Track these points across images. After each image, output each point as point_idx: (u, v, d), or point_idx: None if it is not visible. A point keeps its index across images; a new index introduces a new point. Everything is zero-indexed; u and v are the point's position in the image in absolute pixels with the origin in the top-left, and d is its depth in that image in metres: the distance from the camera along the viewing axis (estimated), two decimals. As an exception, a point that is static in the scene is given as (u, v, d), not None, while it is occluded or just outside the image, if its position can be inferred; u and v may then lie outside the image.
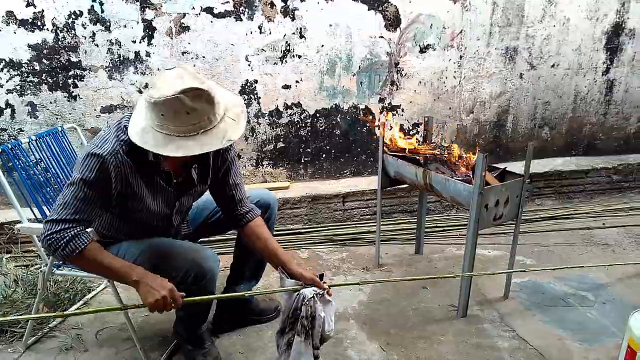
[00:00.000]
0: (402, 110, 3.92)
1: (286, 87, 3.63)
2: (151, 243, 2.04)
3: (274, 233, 2.86)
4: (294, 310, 1.96)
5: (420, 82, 3.89)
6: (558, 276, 2.95)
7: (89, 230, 1.84)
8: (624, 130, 4.57)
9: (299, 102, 3.69)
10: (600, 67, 4.28)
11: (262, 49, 3.49)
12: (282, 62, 3.56)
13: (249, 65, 3.50)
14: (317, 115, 3.76)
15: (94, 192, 1.77)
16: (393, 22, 3.69)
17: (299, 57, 3.58)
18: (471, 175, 2.53)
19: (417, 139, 3.16)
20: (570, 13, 4.02)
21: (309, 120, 3.76)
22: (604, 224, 3.75)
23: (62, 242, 1.73)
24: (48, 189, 2.40)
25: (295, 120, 3.74)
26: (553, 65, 4.16)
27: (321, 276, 2.05)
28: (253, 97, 3.59)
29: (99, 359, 2.27)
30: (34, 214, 2.32)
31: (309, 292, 1.97)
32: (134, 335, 2.20)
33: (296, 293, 1.96)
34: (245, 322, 2.51)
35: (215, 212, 2.30)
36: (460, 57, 3.92)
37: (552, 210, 4.00)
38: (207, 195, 2.33)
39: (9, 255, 3.14)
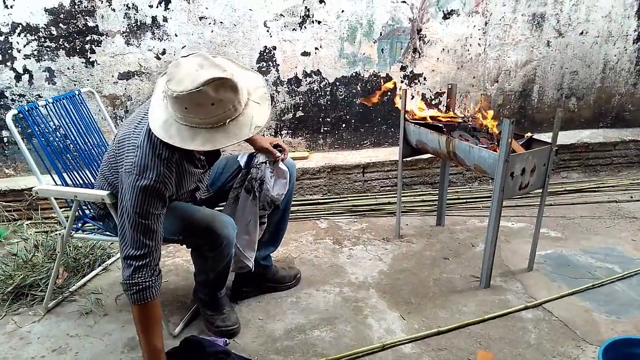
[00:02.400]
0: (425, 78, 3.81)
1: (305, 54, 3.54)
2: (169, 208, 2.01)
3: (293, 202, 2.85)
4: (246, 172, 2.23)
5: (443, 49, 3.77)
6: (584, 248, 2.87)
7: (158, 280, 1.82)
8: (655, 101, 4.40)
9: (318, 70, 3.61)
10: (631, 35, 4.10)
11: (281, 14, 3.40)
12: (301, 28, 3.47)
13: (268, 31, 3.42)
14: (337, 83, 3.68)
15: (155, 218, 1.77)
16: (416, -14, 3.57)
17: (319, 22, 3.48)
18: (496, 144, 2.44)
19: (439, 108, 3.07)
20: (601, -23, 3.85)
21: (328, 89, 3.68)
22: (632, 197, 3.63)
23: (135, 287, 1.74)
24: (68, 155, 2.38)
25: (315, 89, 3.66)
26: (582, 33, 4.00)
27: (277, 146, 2.27)
28: (272, 65, 3.51)
29: (118, 323, 2.26)
30: (53, 179, 2.31)
31: (262, 157, 2.23)
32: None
33: (250, 156, 2.24)
34: (264, 288, 2.49)
35: (233, 176, 2.27)
36: (485, 23, 3.78)
37: (579, 183, 3.89)
38: (226, 158, 2.30)
39: (30, 221, 3.16)
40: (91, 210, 2.33)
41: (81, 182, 2.38)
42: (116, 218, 2.03)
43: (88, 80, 3.27)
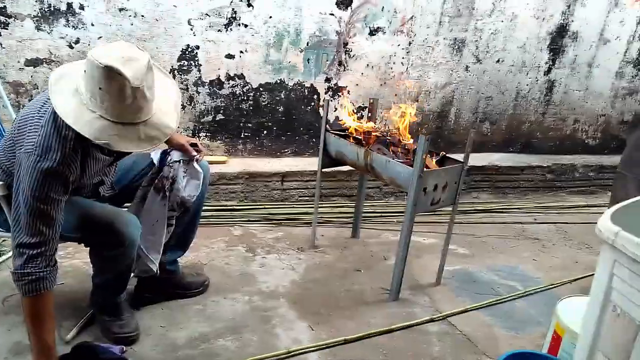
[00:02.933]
0: (348, 92, 3.85)
1: (230, 56, 3.47)
2: (70, 203, 1.88)
3: (205, 207, 2.76)
4: (158, 169, 2.11)
5: (368, 65, 3.83)
6: (489, 266, 2.98)
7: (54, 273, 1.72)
8: (560, 130, 4.70)
9: (242, 74, 3.54)
10: (542, 67, 4.37)
11: (207, 14, 3.31)
12: (227, 30, 3.40)
13: (192, 29, 3.32)
14: (261, 89, 3.63)
15: (56, 204, 1.66)
16: (344, 0, 3.61)
17: (245, 26, 3.43)
18: (412, 159, 2.49)
19: (360, 121, 3.10)
20: (518, 10, 4.07)
21: (251, 94, 3.62)
22: (535, 219, 3.84)
23: (27, 278, 1.64)
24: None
25: (237, 93, 3.59)
26: (498, 61, 4.20)
27: (194, 145, 2.18)
28: (193, 64, 3.41)
29: (3, 326, 2.08)
30: None
31: (176, 155, 2.14)
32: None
33: (164, 154, 2.13)
34: (169, 295, 2.37)
35: (142, 174, 2.15)
36: (409, 43, 3.89)
37: (488, 203, 4.06)
38: (134, 156, 2.18)
39: None
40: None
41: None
42: (7, 211, 1.87)
43: (-9, 63, 3.02)
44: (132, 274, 2.15)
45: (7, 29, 2.98)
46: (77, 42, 3.11)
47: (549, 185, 4.48)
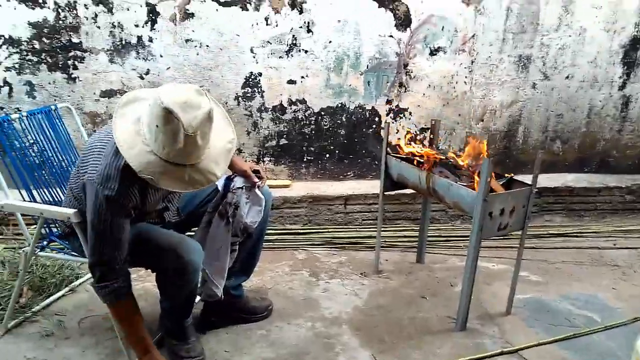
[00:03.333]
0: (410, 113, 3.80)
1: (291, 82, 3.52)
2: (137, 227, 1.96)
3: (269, 231, 2.78)
4: (222, 195, 2.15)
5: (429, 85, 3.77)
6: (564, 294, 2.81)
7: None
8: (639, 148, 4.42)
9: (303, 99, 3.59)
10: (616, 82, 4.14)
11: (268, 42, 3.39)
12: (288, 56, 3.46)
13: (254, 57, 3.40)
14: (322, 113, 3.65)
15: (119, 228, 1.78)
16: (403, 21, 3.58)
17: (306, 52, 3.48)
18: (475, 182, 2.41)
19: (422, 143, 3.04)
20: (587, 23, 3.89)
21: (313, 118, 3.65)
22: (614, 244, 3.60)
23: (105, 290, 1.84)
24: (42, 172, 2.32)
25: (300, 117, 3.63)
26: (567, 77, 4.02)
27: (256, 171, 2.22)
28: (257, 91, 3.49)
29: (78, 348, 2.17)
30: (22, 195, 2.25)
31: (239, 182, 2.17)
32: (117, 326, 2.09)
33: (228, 180, 2.17)
34: (234, 319, 2.39)
35: (207, 200, 2.20)
36: (472, 62, 3.80)
37: (561, 227, 3.86)
38: None
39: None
40: (58, 229, 2.25)
41: (51, 199, 2.31)
42: (81, 237, 1.96)
43: (69, 96, 3.22)
44: (197, 299, 2.19)
45: (83, 62, 3.18)
46: (147, 73, 3.26)
47: (629, 207, 4.19)
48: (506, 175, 2.58)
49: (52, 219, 2.18)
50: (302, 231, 3.47)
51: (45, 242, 2.24)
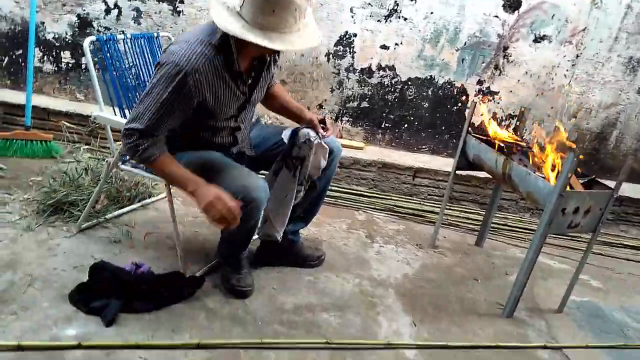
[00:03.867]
0: (500, 98, 3.69)
1: (384, 47, 3.51)
2: (210, 158, 2.09)
3: (334, 188, 2.83)
4: (290, 147, 2.17)
5: (526, 72, 3.64)
6: (624, 305, 2.70)
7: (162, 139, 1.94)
8: None
9: (393, 66, 3.57)
10: None
11: (369, 3, 3.38)
12: (386, 21, 3.44)
13: (352, 17, 3.41)
14: (409, 83, 3.62)
15: (174, 106, 1.85)
16: (512, 3, 3.45)
17: (405, 19, 3.44)
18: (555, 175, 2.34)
19: (508, 130, 2.97)
20: None
21: (399, 86, 3.63)
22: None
23: (138, 149, 1.86)
24: (137, 93, 2.45)
25: (385, 83, 3.62)
26: (679, 87, 3.75)
27: (322, 120, 2.25)
28: (348, 51, 3.50)
29: (141, 258, 2.31)
30: (114, 112, 2.40)
31: (303, 135, 2.16)
32: (178, 245, 2.25)
33: (294, 133, 2.17)
34: (287, 262, 2.49)
35: (279, 144, 2.27)
36: (577, 56, 3.62)
37: (636, 239, 3.66)
38: (273, 128, 2.32)
39: (87, 146, 3.30)
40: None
41: (140, 120, 2.45)
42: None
43: (172, 27, 3.37)
44: (256, 236, 2.30)
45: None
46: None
47: None
48: (589, 176, 2.48)
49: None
50: (366, 193, 3.51)
51: (127, 158, 2.40)
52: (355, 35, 3.47)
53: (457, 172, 2.87)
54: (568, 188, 2.20)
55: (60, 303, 1.93)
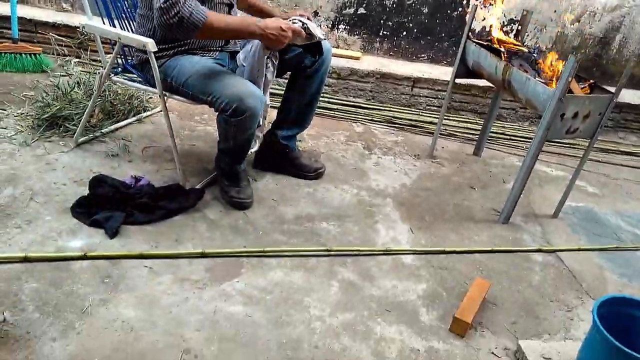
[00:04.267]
0: (502, 1, 3.54)
1: (382, -53, 3.33)
2: (205, 65, 2.07)
3: (332, 100, 2.78)
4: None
5: (530, -28, 3.48)
6: (618, 210, 2.75)
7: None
8: None
9: (391, -32, 3.40)
10: None
11: None
12: None
13: None
14: (408, -14, 3.47)
15: None
16: None
17: None
18: (555, 81, 2.29)
19: (508, 35, 2.87)
20: None
21: (397, -10, 3.48)
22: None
23: (186, 15, 1.78)
24: (125, 2, 2.35)
25: (383, -13, 3.47)
26: (688, -13, 3.60)
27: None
28: (344, -48, 3.32)
29: (140, 171, 2.33)
30: (103, 22, 2.31)
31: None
32: (177, 158, 2.24)
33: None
34: (283, 169, 2.52)
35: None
36: (584, -47, 3.44)
37: (634, 146, 3.67)
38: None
39: (78, 59, 3.21)
40: (133, 59, 2.33)
41: (130, 30, 2.36)
42: (154, 69, 2.03)
43: None
44: (255, 148, 2.30)
45: None
46: None
47: None
48: (590, 80, 2.43)
49: (129, 48, 2.27)
50: (364, 105, 3.47)
51: (119, 69, 2.34)
52: None
53: (457, 80, 2.82)
54: (568, 93, 2.17)
55: (63, 216, 1.95)
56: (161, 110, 2.77)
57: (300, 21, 2.06)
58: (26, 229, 1.86)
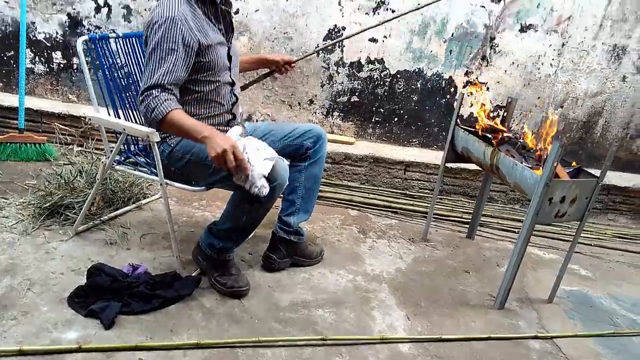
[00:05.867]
0: (488, 88, 3.73)
1: (373, 40, 3.53)
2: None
3: (328, 183, 2.85)
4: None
5: (513, 62, 3.67)
6: (612, 293, 2.77)
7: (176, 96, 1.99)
8: None
9: (382, 59, 3.59)
10: None
11: (357, -4, 3.40)
12: (374, 14, 3.46)
13: (341, 10, 3.42)
14: (398, 76, 3.65)
15: (178, 53, 1.93)
16: (499, -7, 3.48)
17: (392, 11, 3.45)
18: (541, 166, 2.38)
19: (495, 120, 3.00)
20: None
21: (388, 80, 3.66)
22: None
23: (152, 105, 1.90)
24: (128, 93, 2.45)
25: (375, 77, 3.64)
26: (664, 75, 3.80)
27: (289, 62, 2.53)
28: (337, 45, 3.52)
29: (137, 259, 2.35)
30: (108, 112, 2.40)
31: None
32: (174, 245, 2.27)
33: None
34: (292, 262, 2.50)
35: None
36: (562, 45, 3.65)
37: (624, 228, 3.73)
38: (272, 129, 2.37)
39: (80, 148, 3.31)
40: (136, 147, 2.42)
41: (134, 121, 2.46)
42: (157, 159, 2.09)
43: (159, 25, 3.36)
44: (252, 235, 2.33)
45: None
46: (236, 12, 3.35)
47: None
48: (574, 164, 2.53)
49: (132, 137, 2.36)
50: (358, 189, 3.54)
51: (122, 159, 2.41)
52: (344, 28, 3.49)
53: (447, 164, 2.91)
54: (554, 177, 2.24)
55: (60, 306, 1.95)
56: (160, 197, 2.85)
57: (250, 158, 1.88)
58: (22, 320, 1.85)
